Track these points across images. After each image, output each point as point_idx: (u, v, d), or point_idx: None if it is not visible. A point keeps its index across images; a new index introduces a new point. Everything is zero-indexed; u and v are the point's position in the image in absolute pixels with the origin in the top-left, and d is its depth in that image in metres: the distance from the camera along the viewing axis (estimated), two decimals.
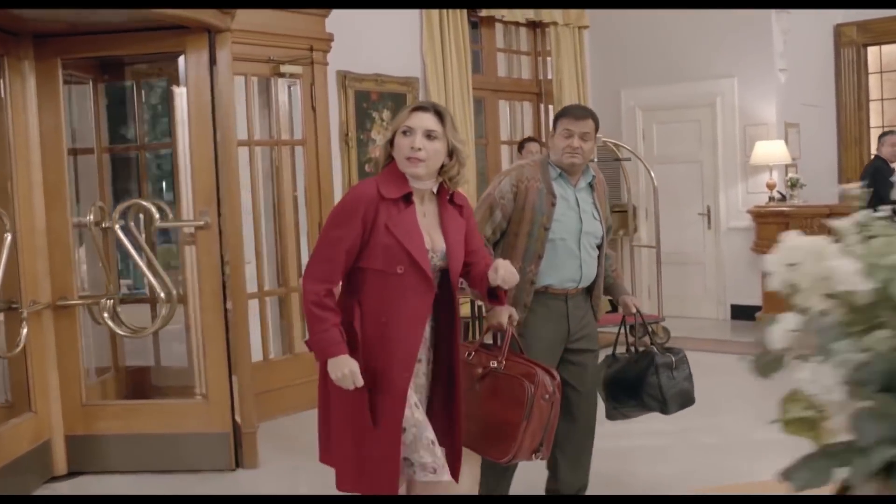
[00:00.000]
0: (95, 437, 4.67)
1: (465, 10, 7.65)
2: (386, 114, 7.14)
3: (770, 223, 7.68)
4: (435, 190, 2.91)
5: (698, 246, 8.63)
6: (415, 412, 2.80)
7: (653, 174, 7.58)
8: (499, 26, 8.57)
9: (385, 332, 2.74)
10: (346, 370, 2.67)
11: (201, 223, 4.62)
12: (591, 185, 3.58)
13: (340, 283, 2.80)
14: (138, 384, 5.42)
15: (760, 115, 8.17)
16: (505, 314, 3.21)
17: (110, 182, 5.25)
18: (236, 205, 4.67)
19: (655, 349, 3.64)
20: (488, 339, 3.34)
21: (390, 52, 7.11)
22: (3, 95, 4.40)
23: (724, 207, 8.37)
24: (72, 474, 4.65)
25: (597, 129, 3.53)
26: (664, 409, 3.61)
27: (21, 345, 4.31)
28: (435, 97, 7.36)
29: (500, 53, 8.69)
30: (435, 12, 7.42)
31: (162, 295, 4.62)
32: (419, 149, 2.77)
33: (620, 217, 8.70)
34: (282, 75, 5.65)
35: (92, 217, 4.79)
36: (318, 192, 5.89)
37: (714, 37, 8.29)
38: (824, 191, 8.31)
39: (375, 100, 7.08)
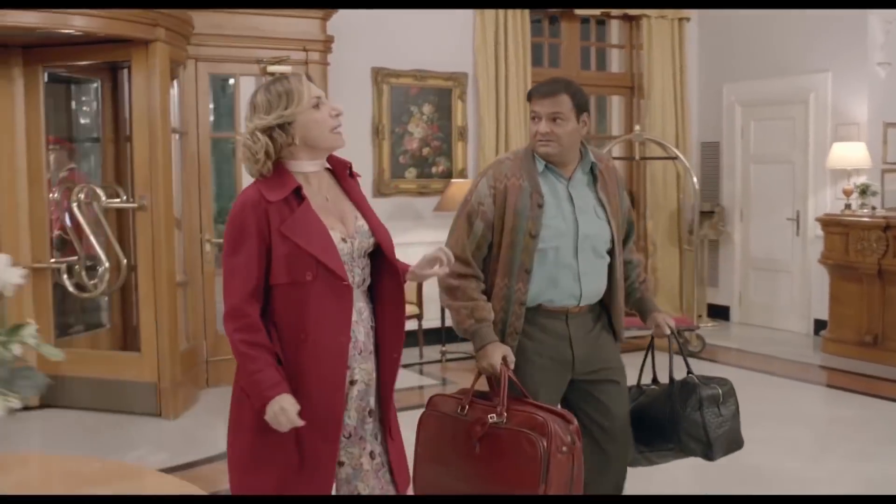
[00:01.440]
0: (61, 377, 5.65)
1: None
2: (426, 108, 7.51)
3: (833, 234, 7.02)
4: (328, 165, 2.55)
5: (787, 253, 8.02)
6: (352, 444, 2.45)
7: (691, 178, 7.21)
8: (591, 20, 8.52)
9: (306, 352, 2.35)
10: (277, 407, 2.29)
11: (136, 205, 5.42)
12: (592, 175, 2.97)
13: (260, 306, 2.39)
14: (130, 338, 6.36)
15: (853, 113, 7.42)
16: (497, 354, 2.78)
17: (114, 167, 6.16)
18: (164, 191, 5.40)
19: (696, 379, 3.00)
20: (482, 386, 2.84)
21: (433, 48, 7.44)
22: None
23: (812, 213, 7.71)
24: (42, 406, 5.68)
25: (579, 107, 2.86)
26: (708, 454, 2.94)
27: None
28: (485, 92, 7.60)
29: (591, 48, 8.64)
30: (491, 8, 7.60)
31: (106, 263, 5.51)
32: (341, 112, 2.48)
33: (707, 217, 8.36)
34: (271, 75, 6.26)
35: (83, 196, 5.75)
36: None
37: (810, 26, 7.63)
38: None
39: (415, 94, 7.46)
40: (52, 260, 5.66)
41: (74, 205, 5.53)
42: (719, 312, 8.62)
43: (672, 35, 8.43)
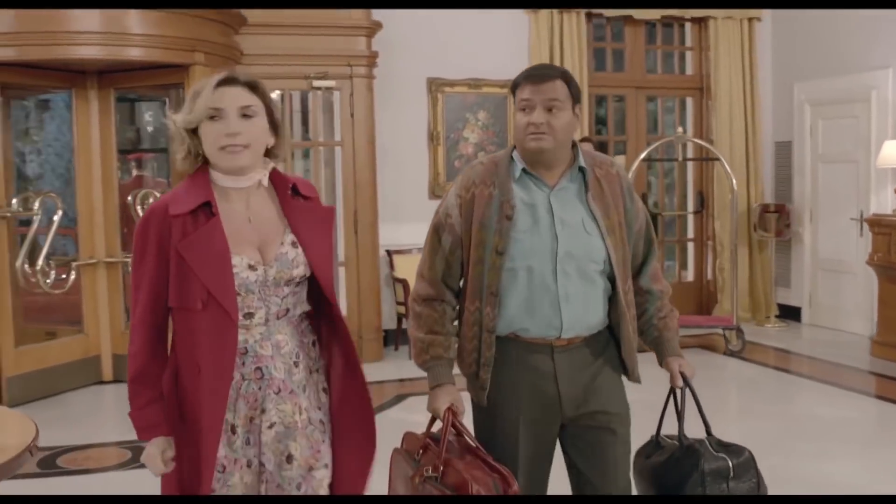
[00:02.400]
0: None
1: (581, 11, 8.00)
2: (482, 114, 7.94)
3: (879, 234, 6.87)
4: (267, 181, 2.27)
5: (852, 254, 7.86)
6: (228, 480, 2.22)
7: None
8: (657, 24, 8.64)
9: (200, 385, 2.16)
10: (147, 453, 2.21)
11: None
12: (584, 183, 2.47)
13: (163, 331, 2.24)
14: None
15: None
16: (443, 400, 2.43)
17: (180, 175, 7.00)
18: None
19: (708, 443, 2.47)
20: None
21: (488, 56, 7.83)
22: (74, 116, 6.43)
23: (874, 213, 7.53)
24: (115, 381, 6.60)
25: (574, 96, 2.44)
26: None
27: (69, 285, 6.35)
28: None
29: (658, 50, 8.75)
30: (545, 14, 7.91)
31: None
32: (236, 133, 2.14)
33: (770, 218, 8.32)
34: (317, 89, 6.92)
35: (151, 200, 6.64)
36: (353, 183, 7.06)
37: (873, 22, 7.45)
38: None
39: (471, 102, 7.91)
40: (123, 254, 6.57)
41: (139, 207, 6.40)
42: (792, 313, 8.53)
43: (741, 35, 8.42)
